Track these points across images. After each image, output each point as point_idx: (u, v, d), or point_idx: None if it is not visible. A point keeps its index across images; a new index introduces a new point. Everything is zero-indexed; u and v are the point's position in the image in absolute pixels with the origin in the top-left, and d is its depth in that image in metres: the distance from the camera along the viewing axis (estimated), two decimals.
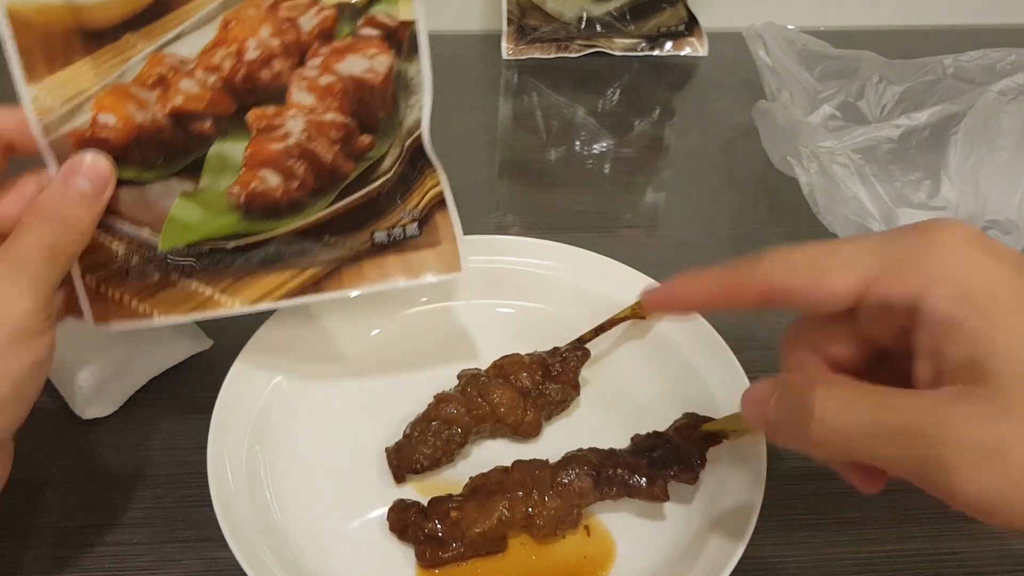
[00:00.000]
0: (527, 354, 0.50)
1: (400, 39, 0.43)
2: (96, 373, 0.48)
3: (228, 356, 0.49)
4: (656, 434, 0.46)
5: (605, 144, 0.73)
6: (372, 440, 0.48)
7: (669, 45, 0.84)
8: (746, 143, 0.72)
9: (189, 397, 0.51)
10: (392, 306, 0.54)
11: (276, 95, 0.43)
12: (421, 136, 0.44)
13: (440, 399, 0.48)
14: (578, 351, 0.50)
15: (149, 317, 0.44)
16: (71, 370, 0.48)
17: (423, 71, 0.43)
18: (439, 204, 0.46)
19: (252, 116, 0.43)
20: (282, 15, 0.42)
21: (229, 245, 0.44)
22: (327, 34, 0.43)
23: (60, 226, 0.38)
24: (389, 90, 0.44)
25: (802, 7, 0.87)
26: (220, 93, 0.42)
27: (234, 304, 0.45)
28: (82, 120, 0.40)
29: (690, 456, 0.44)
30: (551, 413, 0.50)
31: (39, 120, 0.39)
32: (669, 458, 0.44)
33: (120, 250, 0.43)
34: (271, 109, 0.43)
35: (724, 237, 0.64)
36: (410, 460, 0.46)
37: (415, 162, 0.45)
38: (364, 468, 0.47)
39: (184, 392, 0.51)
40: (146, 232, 0.43)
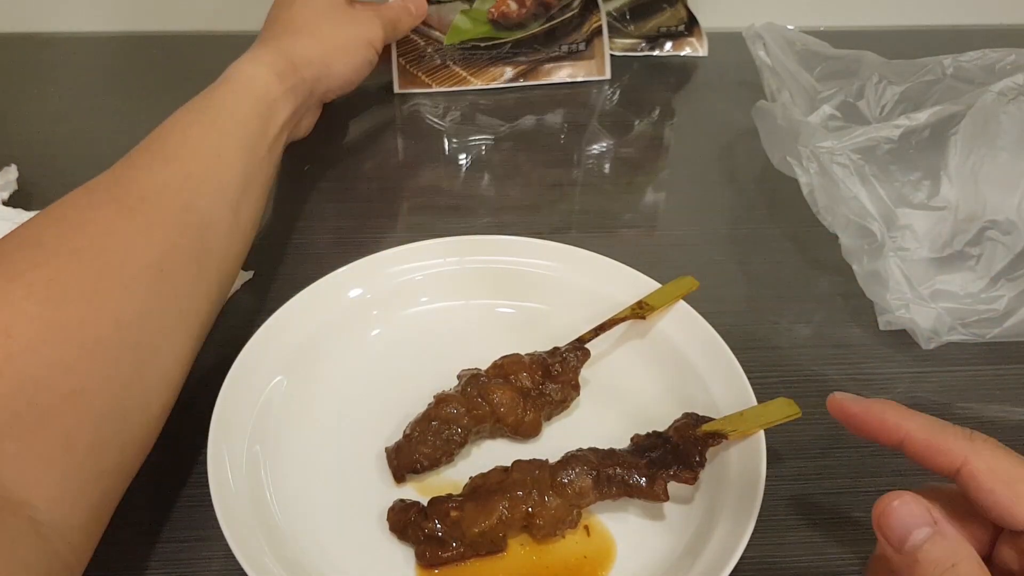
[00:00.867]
0: (527, 354, 0.50)
1: None
2: None
3: (228, 357, 0.49)
4: (656, 434, 0.46)
5: (605, 144, 0.74)
6: (372, 440, 0.48)
7: (669, 45, 0.84)
8: (746, 143, 0.72)
9: (189, 397, 0.51)
10: (392, 306, 0.55)
11: None
12: None
13: (440, 399, 0.48)
14: (578, 351, 0.50)
15: (429, 87, 0.77)
16: None
17: None
18: (598, 32, 0.78)
19: None
20: None
21: (483, 44, 0.77)
22: None
23: (394, 26, 0.69)
24: None
25: (802, 7, 0.87)
26: None
27: (477, 83, 0.77)
28: None
29: (690, 456, 0.44)
30: (551, 413, 0.50)
31: None
32: (669, 458, 0.44)
33: (421, 43, 0.76)
34: None
35: (724, 237, 0.64)
36: (410, 460, 0.46)
37: (589, 5, 0.77)
38: (364, 468, 0.47)
39: (184, 391, 0.51)
40: (436, 33, 0.76)
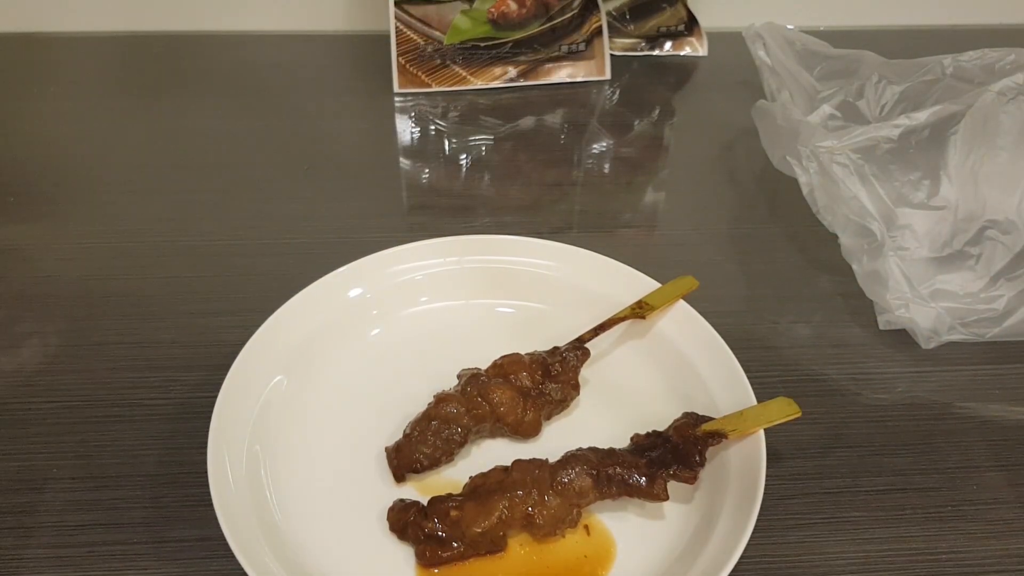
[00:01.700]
0: (527, 354, 0.50)
1: None
2: None
3: (229, 356, 0.49)
4: (656, 433, 0.46)
5: (605, 144, 0.74)
6: (372, 440, 0.48)
7: (669, 45, 0.84)
8: (745, 143, 0.72)
9: (189, 397, 0.51)
10: (392, 305, 0.55)
11: None
12: None
13: (440, 399, 0.48)
14: (578, 351, 0.50)
15: (429, 87, 0.77)
16: None
17: None
18: (598, 32, 0.78)
19: None
20: None
21: (483, 44, 0.77)
22: None
23: None
24: None
25: (802, 7, 0.87)
26: None
27: (477, 83, 0.78)
28: None
29: (690, 455, 0.44)
30: (551, 413, 0.50)
31: None
32: (668, 457, 0.44)
33: (421, 43, 0.77)
34: None
35: (724, 237, 0.64)
36: (410, 460, 0.46)
37: (589, 5, 0.78)
38: (364, 468, 0.47)
39: (184, 392, 0.51)
40: (437, 33, 0.77)
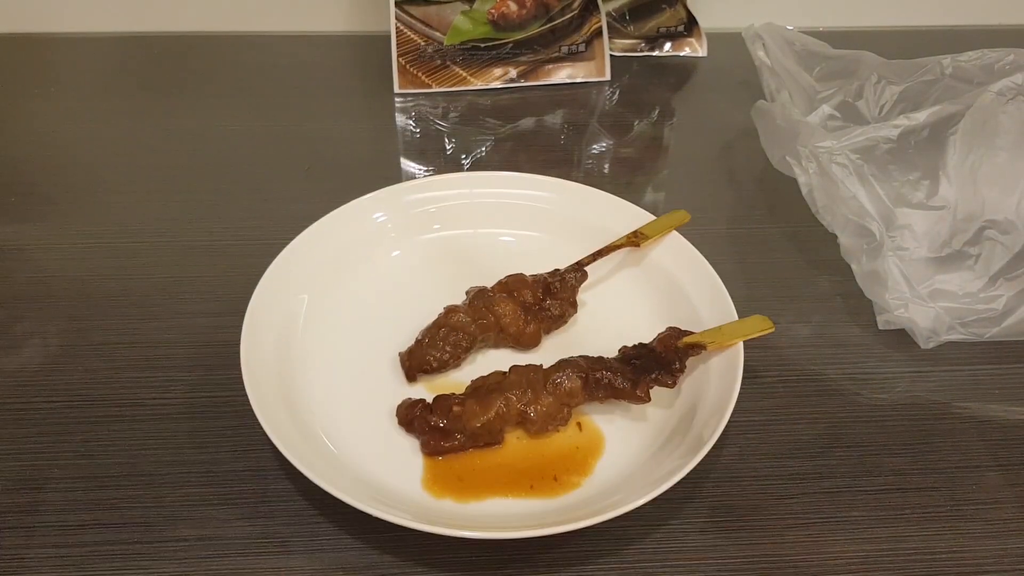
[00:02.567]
0: (531, 274, 0.55)
1: None
2: None
3: (229, 356, 0.49)
4: (641, 345, 0.50)
5: (605, 144, 0.74)
6: (388, 347, 0.53)
7: (668, 46, 0.84)
8: (745, 143, 0.72)
9: (189, 397, 0.51)
10: (410, 232, 0.60)
11: None
12: None
13: (449, 309, 0.53)
14: (577, 272, 0.55)
15: (429, 87, 0.77)
16: None
17: None
18: (598, 33, 0.78)
19: None
20: None
21: (483, 45, 0.77)
22: None
23: None
24: None
25: (801, 7, 0.87)
26: None
27: (477, 83, 0.77)
28: None
29: (671, 363, 0.49)
30: (550, 327, 0.54)
31: None
32: (652, 365, 0.49)
33: (421, 43, 0.76)
34: None
35: (723, 237, 0.64)
36: (421, 362, 0.51)
37: (589, 6, 0.77)
38: (379, 371, 0.52)
39: (184, 392, 0.51)
40: (438, 33, 0.76)
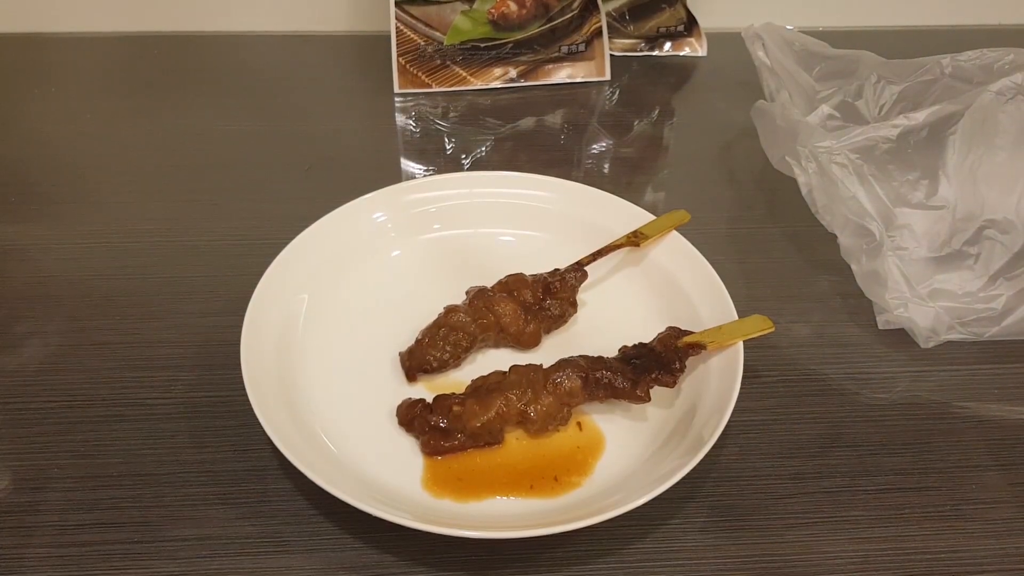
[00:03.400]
0: (531, 274, 0.55)
1: None
2: None
3: (229, 356, 0.49)
4: (641, 344, 0.50)
5: (605, 144, 0.74)
6: (388, 347, 0.53)
7: (668, 45, 0.84)
8: (745, 143, 0.72)
9: (189, 397, 0.51)
10: (410, 232, 0.60)
11: None
12: None
13: (449, 309, 0.53)
14: (577, 272, 0.55)
15: (429, 87, 0.77)
16: None
17: None
18: (598, 33, 0.78)
19: None
20: None
21: (483, 45, 0.77)
22: None
23: None
24: None
25: (801, 7, 0.87)
26: None
27: (477, 83, 0.77)
28: None
29: (670, 363, 0.49)
30: (550, 327, 0.54)
31: None
32: (652, 364, 0.49)
33: (421, 43, 0.76)
34: None
35: (723, 236, 0.64)
36: (421, 361, 0.51)
37: (588, 6, 0.77)
38: (379, 371, 0.52)
39: (184, 391, 0.52)
40: (438, 33, 0.76)
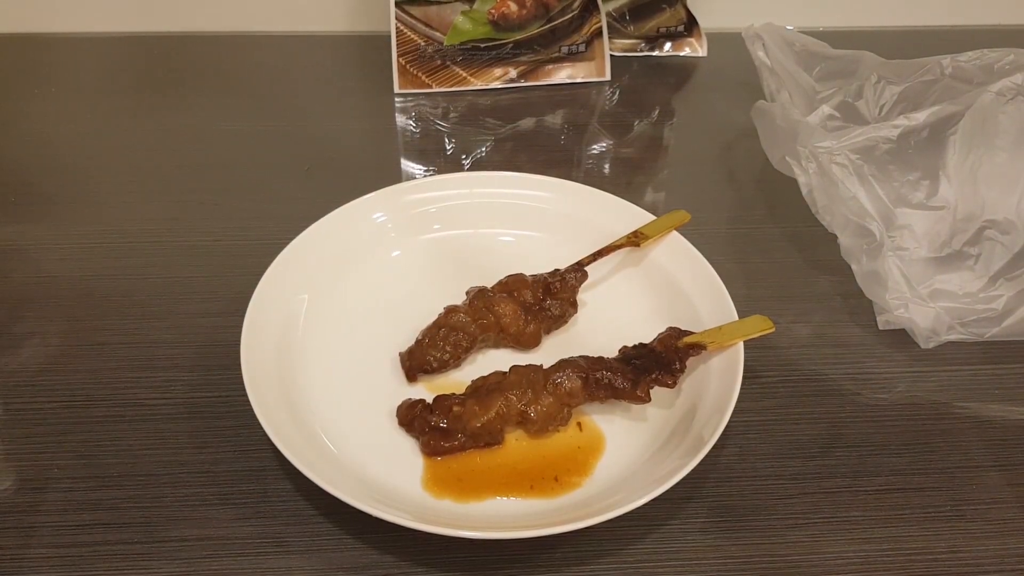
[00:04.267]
0: (531, 274, 0.55)
1: None
2: None
3: (229, 356, 0.49)
4: (641, 345, 0.50)
5: (605, 144, 0.74)
6: (388, 347, 0.53)
7: (668, 46, 0.84)
8: (745, 143, 0.72)
9: (189, 397, 0.51)
10: (410, 232, 0.60)
11: None
12: None
13: (450, 309, 0.53)
14: (577, 272, 0.55)
15: (429, 87, 0.77)
16: None
17: None
18: (598, 33, 0.78)
19: None
20: None
21: (483, 45, 0.77)
22: None
23: None
24: None
25: (801, 7, 0.87)
26: None
27: (477, 83, 0.77)
28: None
29: (671, 363, 0.49)
30: (550, 327, 0.54)
31: None
32: (652, 365, 0.49)
33: (421, 43, 0.76)
34: None
35: (723, 237, 0.64)
36: (421, 362, 0.51)
37: (589, 7, 0.77)
38: (379, 371, 0.52)
39: (184, 392, 0.52)
40: (438, 34, 0.76)
